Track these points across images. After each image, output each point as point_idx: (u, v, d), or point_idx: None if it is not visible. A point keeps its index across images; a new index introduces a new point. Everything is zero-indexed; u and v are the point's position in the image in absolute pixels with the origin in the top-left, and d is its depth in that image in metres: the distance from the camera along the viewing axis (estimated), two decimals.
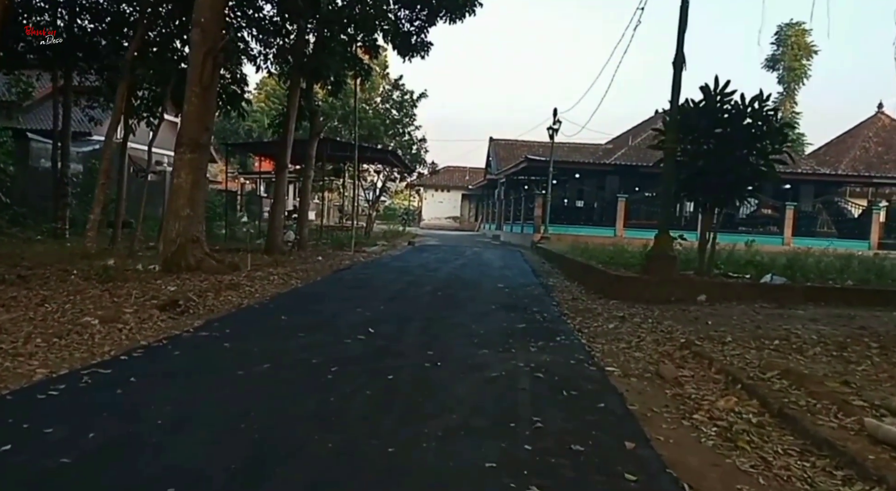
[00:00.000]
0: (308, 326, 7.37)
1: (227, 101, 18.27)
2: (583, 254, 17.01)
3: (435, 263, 17.90)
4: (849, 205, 35.66)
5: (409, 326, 7.74)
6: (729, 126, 11.04)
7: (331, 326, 7.51)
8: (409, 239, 31.60)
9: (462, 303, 10.06)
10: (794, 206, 31.04)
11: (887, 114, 45.14)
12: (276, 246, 17.51)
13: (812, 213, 32.63)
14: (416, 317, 8.41)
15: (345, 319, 8.05)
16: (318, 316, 8.21)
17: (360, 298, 10.12)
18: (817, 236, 30.41)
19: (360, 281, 12.55)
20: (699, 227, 11.44)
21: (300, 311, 8.61)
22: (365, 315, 8.35)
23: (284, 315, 8.03)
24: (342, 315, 8.33)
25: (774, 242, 28.24)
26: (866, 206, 33.88)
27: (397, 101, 33.71)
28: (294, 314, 8.23)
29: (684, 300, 10.10)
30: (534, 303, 10.45)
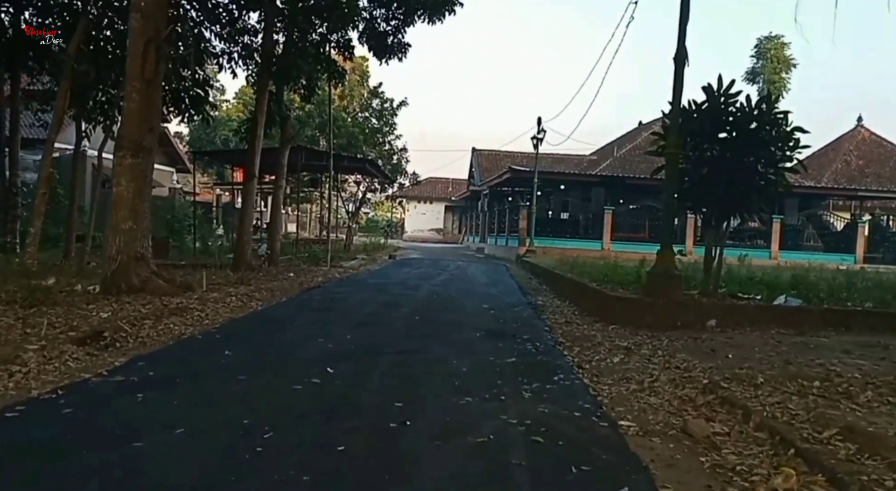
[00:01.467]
0: (254, 364, 6.11)
1: (191, 105, 17.02)
2: (573, 269, 15.86)
3: (415, 280, 16.68)
4: (832, 218, 35.09)
5: (378, 362, 6.50)
6: (735, 130, 9.98)
7: (282, 363, 6.25)
8: (390, 252, 30.37)
9: (442, 329, 8.84)
10: (780, 219, 30.23)
11: (867, 127, 44.89)
12: (244, 261, 16.22)
13: (798, 227, 31.92)
14: (386, 349, 7.17)
15: (302, 353, 6.79)
16: (271, 350, 6.95)
17: (325, 323, 8.87)
18: (804, 250, 29.69)
19: (330, 302, 11.29)
20: (705, 241, 10.33)
21: (250, 343, 7.34)
22: (327, 347, 7.10)
23: (230, 349, 6.76)
24: (300, 348, 7.08)
25: (762, 256, 27.43)
26: (850, 220, 33.41)
27: (377, 110, 32.60)
28: (242, 348, 6.96)
29: (692, 326, 8.94)
30: (524, 328, 9.26)
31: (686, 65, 10.14)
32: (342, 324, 8.81)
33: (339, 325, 8.73)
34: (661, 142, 10.48)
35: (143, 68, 9.48)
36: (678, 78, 10.00)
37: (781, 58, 52.09)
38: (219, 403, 4.76)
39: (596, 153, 42.73)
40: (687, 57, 10.14)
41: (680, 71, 10.02)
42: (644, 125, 40.27)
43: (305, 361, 6.31)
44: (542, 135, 28.79)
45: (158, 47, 9.62)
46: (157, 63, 9.73)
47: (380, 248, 32.62)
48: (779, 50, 51.93)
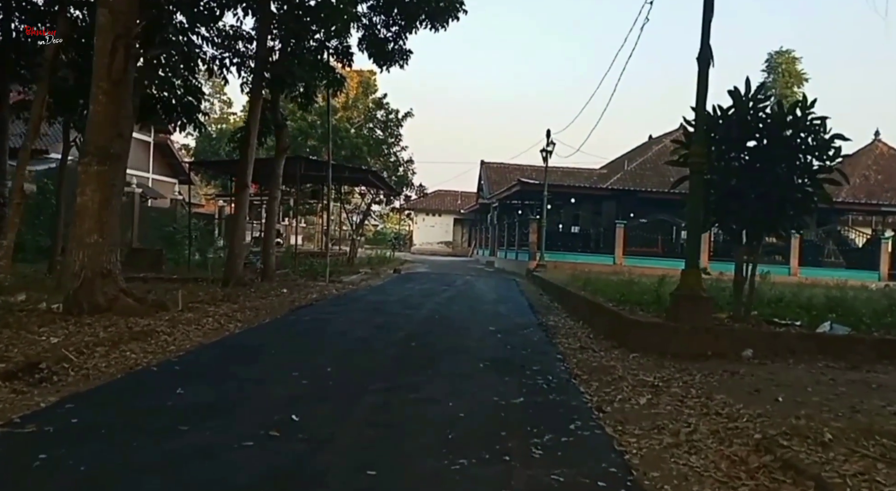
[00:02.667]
0: (206, 408, 5.06)
1: (183, 113, 16.15)
2: (586, 286, 14.77)
3: (418, 297, 15.62)
4: (852, 234, 33.87)
5: (357, 405, 5.43)
6: (766, 137, 8.92)
7: (239, 407, 5.19)
8: (395, 266, 29.29)
9: (440, 358, 7.77)
10: (799, 234, 28.92)
11: (885, 142, 43.64)
12: (235, 276, 15.21)
13: (818, 242, 30.68)
14: (371, 386, 6.10)
15: (266, 392, 5.73)
16: (232, 387, 5.88)
17: (306, 351, 7.83)
18: (824, 266, 28.46)
19: (318, 324, 10.24)
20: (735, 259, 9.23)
21: (210, 377, 6.28)
22: (299, 385, 6.04)
23: (184, 386, 5.70)
24: (266, 385, 6.02)
25: (781, 272, 26.17)
26: (871, 236, 32.21)
27: (381, 121, 31.71)
28: (199, 384, 5.91)
29: (725, 356, 7.84)
30: (534, 357, 8.18)
31: (711, 65, 9.11)
32: (325, 353, 7.76)
33: (321, 353, 7.68)
34: (683, 150, 9.44)
35: (111, 68, 8.53)
36: (702, 80, 8.96)
37: (793, 72, 51.35)
38: (140, 469, 3.70)
39: (606, 167, 41.72)
40: (712, 57, 9.12)
41: (704, 72, 8.98)
42: (654, 139, 39.30)
43: (269, 404, 5.26)
44: (551, 147, 27.81)
45: (128, 46, 8.68)
46: (126, 63, 8.78)
47: (385, 261, 31.57)
48: (790, 64, 51.24)
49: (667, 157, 33.80)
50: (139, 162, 35.52)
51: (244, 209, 16.59)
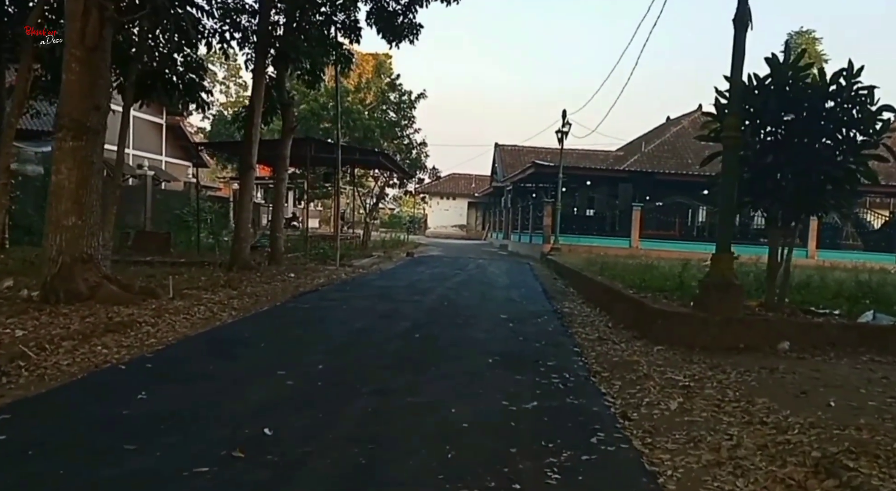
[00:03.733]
0: (167, 418, 4.36)
1: (185, 91, 15.48)
2: (602, 271, 14.01)
3: (428, 281, 14.93)
4: (870, 216, 32.76)
5: (344, 414, 4.72)
6: (805, 110, 8.07)
7: (205, 417, 4.49)
8: (409, 249, 28.63)
9: (445, 353, 7.06)
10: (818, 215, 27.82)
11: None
12: (241, 260, 14.63)
13: (835, 224, 29.61)
14: (364, 388, 5.40)
15: (242, 397, 5.04)
16: (203, 390, 5.20)
17: (299, 345, 7.16)
18: (842, 249, 27.49)
19: (319, 312, 9.57)
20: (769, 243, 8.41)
21: (183, 377, 5.60)
22: (282, 386, 5.36)
23: (150, 388, 5.02)
24: (244, 387, 5.33)
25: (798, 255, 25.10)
26: (889, 218, 31.20)
27: (394, 103, 30.87)
28: (167, 386, 5.24)
29: (758, 349, 7.08)
30: (548, 349, 7.46)
31: (749, 28, 8.26)
32: (319, 346, 7.06)
33: (315, 347, 6.99)
34: (714, 124, 8.62)
35: (84, 33, 7.81)
36: (738, 45, 8.11)
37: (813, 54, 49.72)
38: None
39: (622, 149, 40.62)
40: (750, 18, 8.26)
41: (741, 36, 8.13)
42: (672, 120, 38.18)
43: (241, 413, 4.57)
44: (567, 128, 26.92)
45: (102, 7, 7.96)
46: (102, 27, 8.06)
47: (399, 244, 30.94)
48: (810, 45, 49.64)
49: (685, 138, 33.20)
50: (151, 144, 35.07)
51: (250, 191, 15.95)
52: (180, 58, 15.05)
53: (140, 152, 32.97)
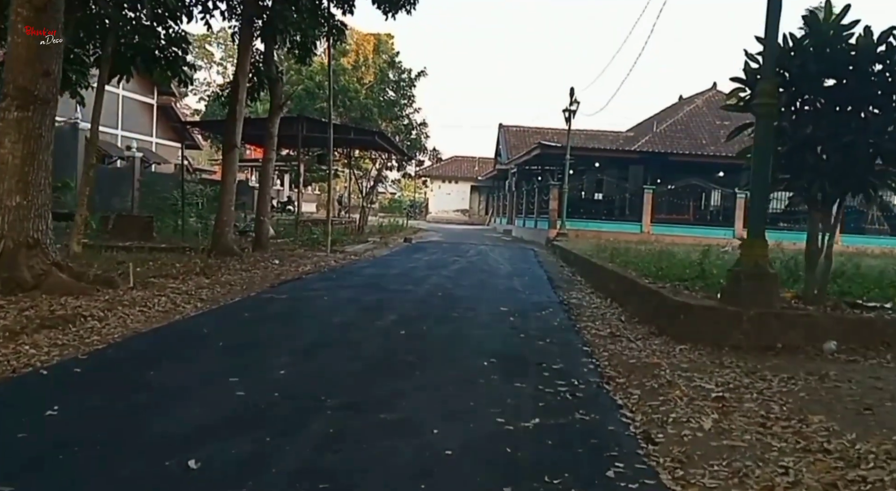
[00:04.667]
0: (71, 445, 3.41)
1: (167, 66, 14.50)
2: (613, 258, 13.00)
3: (424, 270, 13.95)
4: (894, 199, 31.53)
5: (294, 440, 3.75)
6: (850, 75, 7.02)
7: (120, 445, 3.52)
8: (407, 235, 27.63)
9: (433, 353, 6.09)
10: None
11: None
12: (222, 246, 13.71)
13: (860, 208, 28.41)
14: (328, 402, 4.42)
15: (177, 414, 4.07)
16: (132, 404, 4.23)
17: (263, 344, 6.19)
18: (868, 234, 26.33)
19: (296, 303, 8.59)
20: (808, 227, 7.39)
21: (113, 387, 4.63)
22: (230, 399, 4.39)
23: (64, 403, 4.06)
24: (183, 401, 4.37)
25: None
26: None
27: (393, 81, 29.76)
28: (88, 400, 4.29)
29: (799, 349, 6.09)
30: (553, 348, 6.49)
31: None
32: (287, 346, 6.09)
33: (281, 347, 6.02)
34: (743, 92, 7.56)
35: None
36: None
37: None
38: None
39: (632, 129, 39.43)
40: None
41: None
42: (685, 99, 36.97)
43: (168, 438, 3.62)
44: (575, 106, 25.73)
45: None
46: None
47: (397, 229, 29.96)
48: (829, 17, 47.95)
49: (700, 118, 31.97)
50: (142, 125, 33.99)
51: (234, 172, 15.00)
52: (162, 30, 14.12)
53: (129, 133, 31.97)
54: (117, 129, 31.98)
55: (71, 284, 7.60)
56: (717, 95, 33.05)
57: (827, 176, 6.87)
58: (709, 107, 31.99)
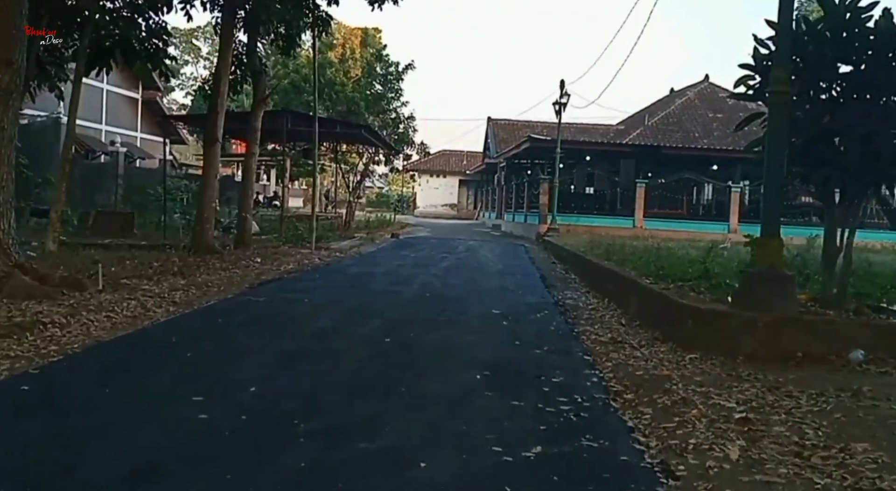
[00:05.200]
0: None
1: (147, 59, 13.93)
2: (608, 255, 12.49)
3: (412, 267, 13.40)
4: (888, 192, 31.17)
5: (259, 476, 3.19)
6: (869, 60, 6.50)
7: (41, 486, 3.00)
8: (394, 230, 27.06)
9: (421, 366, 5.52)
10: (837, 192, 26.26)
11: None
12: (203, 243, 13.15)
13: None
14: (301, 426, 3.86)
15: (122, 444, 3.48)
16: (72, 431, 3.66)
17: (234, 355, 5.61)
18: (867, 228, 25.88)
19: (275, 307, 8.01)
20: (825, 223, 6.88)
21: (60, 408, 4.06)
22: (192, 423, 3.83)
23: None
24: (134, 424, 3.81)
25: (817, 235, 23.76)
26: None
27: (381, 74, 29.09)
28: (29, 422, 3.74)
29: (823, 359, 5.58)
30: (552, 358, 5.97)
31: None
32: (261, 357, 5.53)
33: (254, 358, 5.47)
34: (752, 79, 7.02)
35: None
36: None
37: None
38: None
39: (623, 123, 38.90)
40: None
41: None
42: (677, 92, 36.48)
43: (107, 479, 3.06)
44: (565, 99, 25.25)
45: None
46: None
47: (385, 225, 29.39)
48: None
49: (692, 111, 31.48)
50: (126, 120, 33.13)
51: (215, 167, 14.36)
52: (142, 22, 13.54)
53: (113, 128, 31.16)
54: (101, 124, 31.15)
55: (34, 288, 7.02)
56: (709, 88, 32.66)
57: (846, 169, 6.37)
58: (701, 99, 31.58)
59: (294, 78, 27.61)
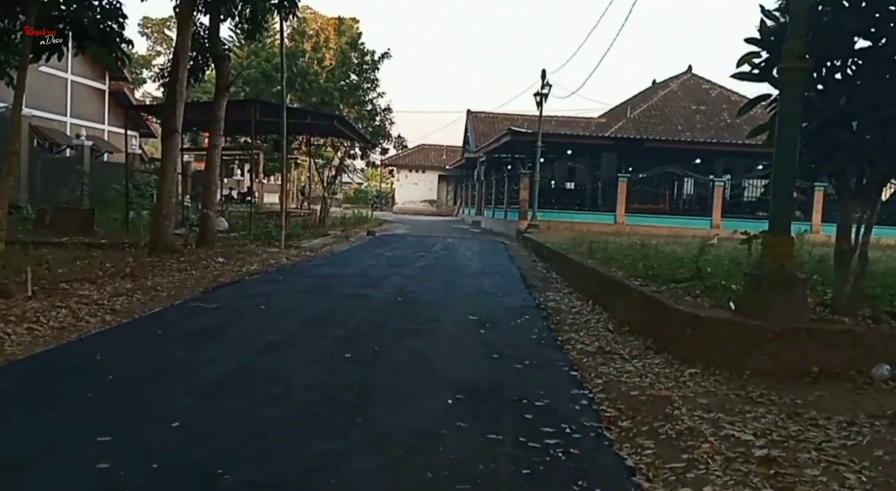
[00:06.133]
0: None
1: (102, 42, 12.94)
2: (592, 252, 11.78)
3: (384, 268, 12.60)
4: None
5: None
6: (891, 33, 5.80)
7: None
8: (371, 227, 26.22)
9: (384, 388, 4.74)
10: (822, 187, 25.80)
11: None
12: (163, 242, 12.27)
13: None
14: (226, 475, 3.09)
15: None
16: None
17: (165, 377, 4.79)
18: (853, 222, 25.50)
19: (226, 315, 7.17)
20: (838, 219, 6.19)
21: None
22: (90, 475, 3.04)
23: None
24: (11, 480, 3.03)
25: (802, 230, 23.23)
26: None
27: (356, 64, 28.17)
28: None
29: (842, 375, 4.91)
30: (534, 374, 5.24)
31: None
32: (194, 381, 4.72)
33: (187, 382, 4.66)
34: (758, 56, 6.30)
35: None
36: None
37: None
38: None
39: (605, 115, 38.33)
40: None
41: None
42: (659, 84, 35.90)
43: None
44: (546, 90, 24.51)
45: None
46: None
47: (362, 222, 28.54)
48: None
49: (675, 103, 30.82)
50: (92, 112, 31.86)
51: (174, 159, 13.46)
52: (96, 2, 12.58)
53: (79, 120, 29.94)
54: (66, 116, 29.92)
55: None
56: (692, 79, 32.12)
57: (866, 157, 5.68)
58: (684, 91, 31.02)
59: (265, 67, 26.62)
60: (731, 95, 30.72)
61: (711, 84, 31.65)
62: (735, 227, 22.52)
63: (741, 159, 27.31)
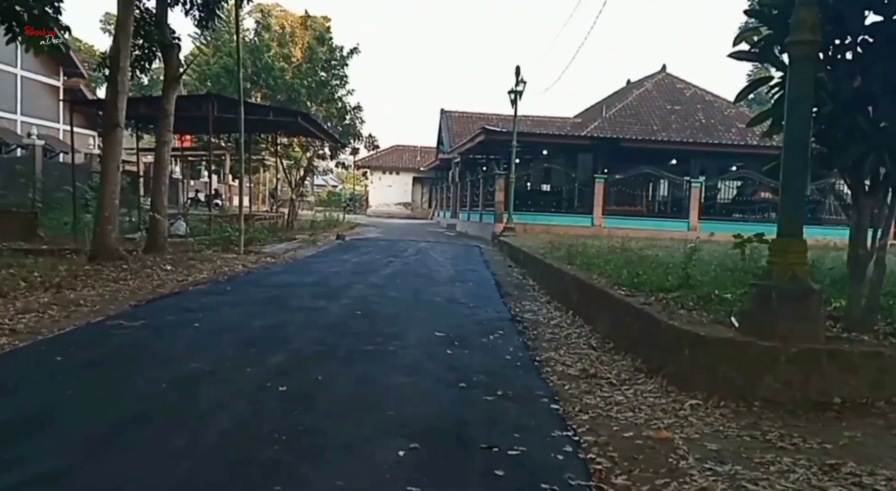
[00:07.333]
0: None
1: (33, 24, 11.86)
2: (571, 258, 10.95)
3: (349, 276, 11.66)
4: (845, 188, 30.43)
5: None
6: None
7: None
8: (341, 231, 25.24)
9: (320, 436, 3.80)
10: None
11: None
12: (105, 248, 11.27)
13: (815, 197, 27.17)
14: None
15: None
16: None
17: (46, 424, 3.82)
18: (825, 224, 25.13)
19: (152, 334, 6.19)
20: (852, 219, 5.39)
21: None
22: None
23: None
24: None
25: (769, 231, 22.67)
26: None
27: (323, 59, 27.17)
28: None
29: (869, 405, 4.12)
30: (507, 409, 4.37)
31: None
32: (82, 428, 3.76)
33: (70, 430, 3.71)
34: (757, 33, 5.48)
35: None
36: None
37: None
38: None
39: (580, 115, 37.75)
40: None
41: None
42: (634, 83, 35.40)
43: None
44: (521, 86, 23.71)
45: None
46: None
47: (332, 225, 27.56)
48: None
49: (650, 102, 30.17)
50: (45, 110, 30.44)
51: (116, 158, 12.36)
52: None
53: (30, 119, 28.62)
54: (16, 114, 28.59)
55: None
56: (667, 79, 31.62)
57: (886, 147, 4.88)
58: (659, 91, 30.48)
59: (227, 61, 25.54)
60: (705, 95, 30.30)
61: (686, 84, 31.21)
62: (712, 229, 22.18)
63: (716, 160, 26.87)
